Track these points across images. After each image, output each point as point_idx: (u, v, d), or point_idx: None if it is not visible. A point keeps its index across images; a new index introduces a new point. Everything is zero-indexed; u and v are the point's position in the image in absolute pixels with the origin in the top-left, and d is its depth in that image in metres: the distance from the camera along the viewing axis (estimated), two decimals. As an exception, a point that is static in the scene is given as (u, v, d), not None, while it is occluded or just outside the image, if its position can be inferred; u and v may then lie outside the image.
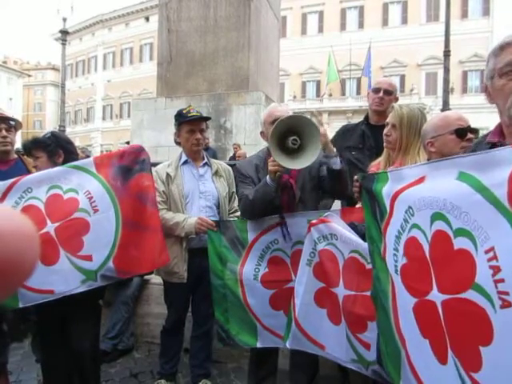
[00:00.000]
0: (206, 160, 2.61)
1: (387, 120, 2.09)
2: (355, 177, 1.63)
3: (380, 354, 1.50)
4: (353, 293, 1.75)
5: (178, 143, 2.61)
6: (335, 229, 1.83)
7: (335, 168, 1.99)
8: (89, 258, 2.07)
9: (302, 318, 1.94)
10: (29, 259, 0.45)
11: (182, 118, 2.51)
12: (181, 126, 2.53)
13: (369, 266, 1.70)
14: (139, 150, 2.24)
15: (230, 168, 2.69)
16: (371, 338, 1.69)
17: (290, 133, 1.86)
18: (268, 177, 2.02)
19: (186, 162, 2.57)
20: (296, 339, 1.97)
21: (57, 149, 2.24)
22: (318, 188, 2.23)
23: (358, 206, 2.20)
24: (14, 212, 0.48)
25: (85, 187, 2.11)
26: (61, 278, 1.97)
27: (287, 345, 2.01)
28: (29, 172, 2.38)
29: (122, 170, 2.17)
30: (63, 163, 2.21)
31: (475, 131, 1.72)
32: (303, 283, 1.94)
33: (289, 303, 2.16)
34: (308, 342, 1.93)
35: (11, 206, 2.04)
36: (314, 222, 1.89)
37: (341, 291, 1.78)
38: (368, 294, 1.68)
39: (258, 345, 2.25)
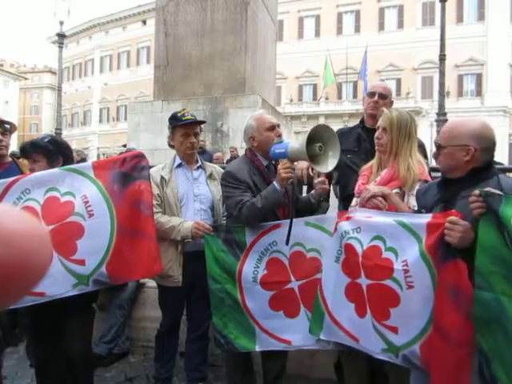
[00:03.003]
0: (200, 163, 2.61)
1: (378, 124, 2.12)
2: (476, 191, 1.54)
3: (496, 382, 1.47)
4: (372, 282, 1.80)
5: (171, 146, 2.60)
6: (358, 221, 1.89)
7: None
8: (82, 263, 2.06)
9: (336, 311, 1.97)
10: (41, 261, 0.44)
11: (176, 122, 2.50)
12: (175, 130, 2.52)
13: (385, 254, 1.77)
14: (140, 157, 2.24)
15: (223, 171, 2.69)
16: (396, 323, 1.76)
17: (312, 140, 1.99)
18: (276, 183, 2.07)
19: (180, 165, 2.56)
20: (330, 331, 2.00)
21: (57, 155, 2.23)
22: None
23: (351, 208, 2.22)
24: (25, 213, 0.46)
25: (82, 191, 2.10)
26: (52, 281, 1.95)
27: (322, 337, 2.04)
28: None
29: (120, 176, 2.16)
30: None
31: (437, 147, 1.81)
32: (333, 279, 1.98)
33: (289, 304, 2.18)
34: (342, 334, 1.95)
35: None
36: (339, 220, 1.97)
37: (363, 281, 1.83)
38: (384, 282, 1.75)
39: (257, 348, 2.25)
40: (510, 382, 1.44)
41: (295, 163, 2.23)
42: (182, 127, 2.49)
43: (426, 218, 1.70)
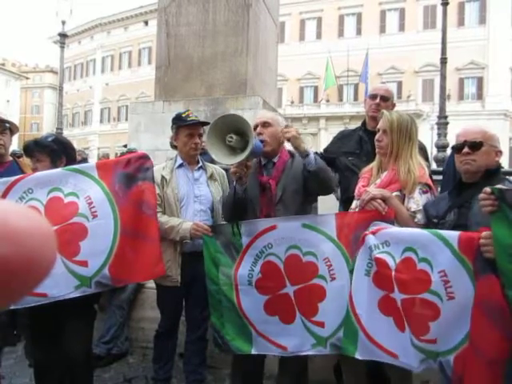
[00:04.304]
0: (200, 164, 2.61)
1: (378, 126, 2.12)
2: (487, 189, 1.52)
3: None
4: (408, 296, 1.75)
5: (174, 147, 2.60)
6: (386, 235, 1.84)
7: (310, 169, 2.10)
8: (84, 264, 2.06)
9: (371, 327, 1.90)
10: (47, 259, 0.44)
11: (181, 122, 2.50)
12: (179, 130, 2.52)
13: (420, 266, 1.72)
14: (145, 158, 2.23)
15: (224, 172, 2.69)
16: (436, 335, 1.71)
17: (231, 131, 2.07)
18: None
19: (181, 166, 2.56)
20: (366, 349, 1.92)
21: (61, 154, 2.23)
22: (303, 191, 2.28)
23: (351, 210, 2.21)
24: (29, 210, 0.46)
25: (86, 192, 2.09)
26: (55, 282, 1.95)
27: (357, 356, 1.95)
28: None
29: (124, 177, 2.15)
30: None
31: (473, 145, 1.76)
32: (365, 293, 1.91)
33: (284, 309, 2.15)
34: (380, 352, 1.88)
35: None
36: (366, 232, 1.90)
37: (397, 296, 1.78)
38: (421, 296, 1.70)
39: (253, 351, 2.22)
40: None
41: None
42: (187, 128, 2.49)
43: (457, 232, 1.66)
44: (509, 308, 1.49)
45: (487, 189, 1.52)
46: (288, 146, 2.34)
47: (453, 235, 1.66)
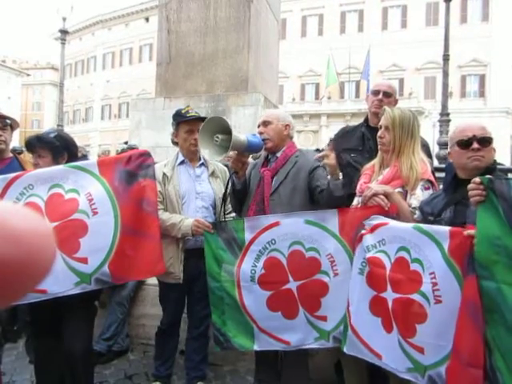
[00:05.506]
0: (202, 160, 2.60)
1: (380, 123, 2.10)
2: (476, 179, 1.51)
3: (495, 373, 1.44)
4: (400, 295, 1.74)
5: (175, 143, 2.60)
6: (382, 232, 1.84)
7: (337, 195, 2.10)
8: (84, 261, 2.05)
9: (359, 325, 1.92)
10: (47, 259, 0.44)
11: (180, 118, 2.50)
12: (179, 126, 2.52)
13: (413, 266, 1.71)
14: (146, 156, 2.22)
15: (226, 169, 2.68)
16: (423, 343, 1.68)
17: (218, 132, 2.18)
18: None
19: (182, 162, 2.56)
20: (353, 345, 1.94)
21: (63, 151, 2.23)
22: (307, 191, 2.32)
23: (353, 206, 2.19)
24: (28, 210, 0.46)
25: (86, 188, 2.09)
26: (54, 279, 1.94)
27: (344, 350, 1.98)
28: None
29: (126, 175, 2.15)
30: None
31: (483, 140, 1.75)
32: (356, 292, 1.93)
33: (287, 305, 2.15)
34: (365, 350, 1.90)
35: (12, 202, 2.01)
36: (363, 232, 1.91)
37: (389, 295, 1.77)
38: (411, 296, 1.69)
39: (255, 348, 2.23)
40: (509, 374, 1.41)
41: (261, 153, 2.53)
42: (187, 124, 2.49)
43: (447, 227, 1.64)
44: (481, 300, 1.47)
45: (476, 179, 1.51)
46: (297, 141, 2.50)
47: (443, 236, 1.62)
